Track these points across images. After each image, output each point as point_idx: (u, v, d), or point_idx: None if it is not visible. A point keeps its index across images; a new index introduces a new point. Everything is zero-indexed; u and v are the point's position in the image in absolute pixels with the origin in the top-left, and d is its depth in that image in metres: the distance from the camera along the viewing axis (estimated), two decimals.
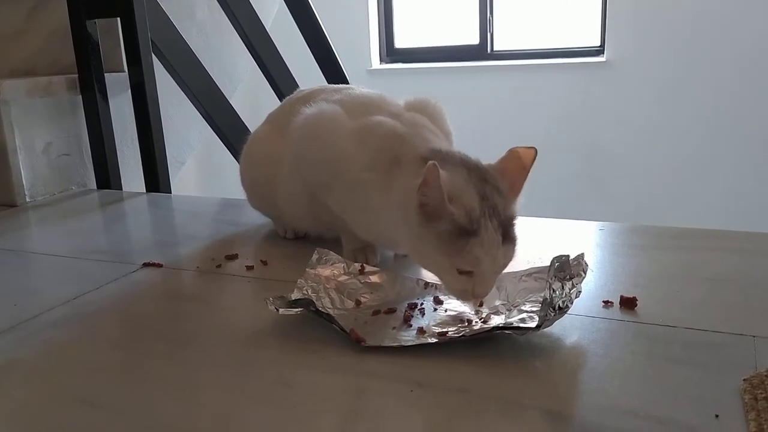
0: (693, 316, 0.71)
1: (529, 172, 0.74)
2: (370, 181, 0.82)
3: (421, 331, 0.68)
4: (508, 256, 0.71)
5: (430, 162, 0.67)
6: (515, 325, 0.67)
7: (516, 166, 0.74)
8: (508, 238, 0.70)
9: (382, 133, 0.84)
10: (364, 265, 0.82)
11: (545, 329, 0.66)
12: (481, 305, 0.73)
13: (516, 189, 0.74)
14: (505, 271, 0.74)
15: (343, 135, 0.87)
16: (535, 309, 0.69)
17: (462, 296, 0.71)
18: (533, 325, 0.65)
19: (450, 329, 0.68)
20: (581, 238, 1.03)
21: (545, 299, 0.64)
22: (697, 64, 3.33)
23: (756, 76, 3.24)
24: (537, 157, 0.74)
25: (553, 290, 0.64)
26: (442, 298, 0.76)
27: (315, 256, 0.81)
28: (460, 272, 0.69)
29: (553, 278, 0.66)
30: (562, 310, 0.65)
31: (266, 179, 1.00)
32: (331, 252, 0.82)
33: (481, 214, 0.68)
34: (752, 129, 3.30)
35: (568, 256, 0.68)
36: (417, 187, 0.69)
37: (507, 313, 0.71)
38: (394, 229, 0.78)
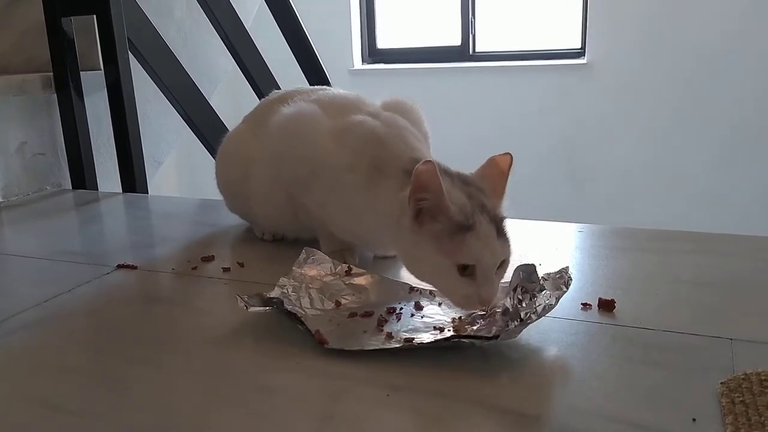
0: (671, 318, 0.71)
1: (508, 176, 0.76)
2: (352, 182, 0.82)
3: (389, 336, 0.67)
4: (506, 251, 0.71)
5: (424, 162, 0.68)
6: (474, 334, 0.65)
7: (495, 172, 0.76)
8: (501, 233, 0.71)
9: (362, 134, 0.85)
10: (352, 266, 0.81)
11: (511, 339, 0.64)
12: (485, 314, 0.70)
13: (498, 192, 0.75)
14: None
15: (323, 133, 0.87)
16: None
17: (467, 303, 0.69)
18: (490, 335, 0.63)
19: (417, 336, 0.67)
20: (560, 240, 1.03)
21: (506, 309, 0.63)
22: (676, 67, 3.36)
23: (735, 79, 3.28)
24: (517, 159, 0.76)
25: (519, 300, 0.63)
26: (423, 303, 0.75)
27: (302, 255, 0.80)
28: (462, 273, 0.68)
29: (519, 288, 0.64)
30: (524, 322, 0.63)
31: (239, 178, 1.00)
32: (318, 251, 0.81)
33: (473, 210, 0.70)
34: (731, 131, 3.34)
35: (533, 265, 0.66)
36: (406, 198, 0.71)
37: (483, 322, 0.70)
38: (379, 232, 0.78)
